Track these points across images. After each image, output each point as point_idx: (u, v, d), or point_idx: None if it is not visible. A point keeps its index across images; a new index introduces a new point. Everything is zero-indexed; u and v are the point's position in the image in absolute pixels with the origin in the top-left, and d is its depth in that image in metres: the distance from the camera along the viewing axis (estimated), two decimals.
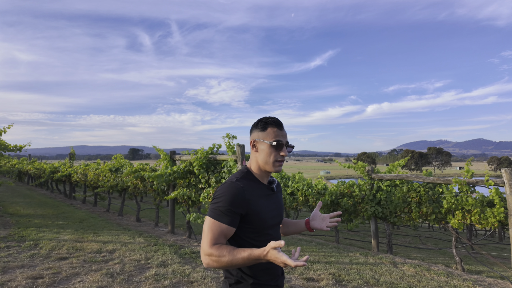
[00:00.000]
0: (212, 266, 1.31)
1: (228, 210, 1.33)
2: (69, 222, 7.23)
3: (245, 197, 1.36)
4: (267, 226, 1.46)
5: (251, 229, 1.42)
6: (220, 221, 1.33)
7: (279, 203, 1.60)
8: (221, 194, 1.36)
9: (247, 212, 1.38)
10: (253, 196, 1.41)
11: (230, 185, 1.38)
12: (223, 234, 1.33)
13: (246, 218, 1.39)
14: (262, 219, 1.42)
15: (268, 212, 1.46)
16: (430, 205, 5.87)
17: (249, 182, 1.44)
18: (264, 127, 1.49)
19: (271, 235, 1.48)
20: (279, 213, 1.57)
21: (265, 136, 1.48)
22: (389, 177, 6.43)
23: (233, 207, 1.34)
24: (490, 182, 5.29)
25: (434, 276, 5.02)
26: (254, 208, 1.39)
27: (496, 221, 5.27)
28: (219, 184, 5.51)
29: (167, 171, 5.96)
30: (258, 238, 1.43)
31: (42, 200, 11.29)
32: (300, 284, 4.16)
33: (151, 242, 5.77)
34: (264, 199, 1.47)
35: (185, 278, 4.02)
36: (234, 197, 1.34)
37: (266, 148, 1.46)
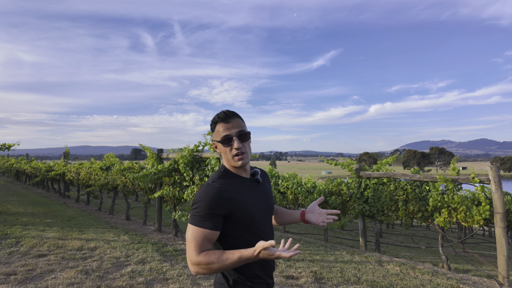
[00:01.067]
0: (202, 273, 1.28)
1: (208, 214, 1.30)
2: (57, 220, 7.22)
3: (224, 197, 1.33)
4: (255, 220, 1.42)
5: (239, 227, 1.38)
6: (202, 226, 1.30)
7: (267, 194, 1.54)
8: (198, 198, 1.33)
9: (230, 212, 1.35)
10: (234, 194, 1.37)
11: (206, 187, 1.35)
12: (207, 239, 1.30)
13: (231, 217, 1.36)
14: (249, 214, 1.39)
15: (255, 206, 1.42)
16: (416, 203, 5.81)
17: (228, 180, 1.40)
18: (213, 127, 1.48)
19: (262, 230, 1.45)
20: (268, 204, 1.53)
21: (215, 135, 1.46)
22: (377, 175, 6.37)
23: (213, 209, 1.30)
24: (476, 180, 5.22)
25: (418, 275, 4.97)
26: (238, 205, 1.36)
27: (481, 219, 5.21)
28: (203, 182, 5.48)
29: (152, 171, 5.93)
30: (248, 235, 1.40)
31: (35, 199, 11.30)
32: (279, 282, 4.12)
33: (135, 240, 5.75)
34: (248, 194, 1.43)
35: (161, 275, 3.99)
36: (212, 199, 1.31)
37: (220, 146, 1.45)
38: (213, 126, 1.47)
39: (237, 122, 1.45)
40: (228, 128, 1.43)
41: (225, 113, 1.45)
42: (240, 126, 1.45)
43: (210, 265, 1.25)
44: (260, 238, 1.42)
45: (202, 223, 1.30)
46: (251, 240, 1.38)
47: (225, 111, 1.46)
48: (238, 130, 1.43)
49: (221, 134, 1.42)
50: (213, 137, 1.48)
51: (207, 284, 3.83)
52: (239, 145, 1.40)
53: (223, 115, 1.45)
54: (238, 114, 1.48)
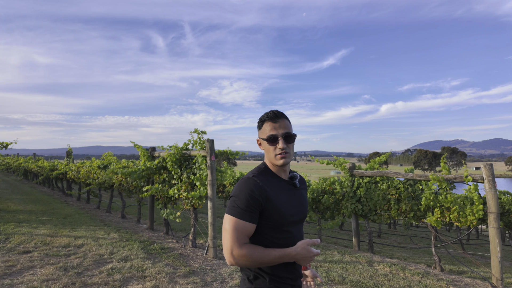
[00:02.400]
0: (240, 265, 1.32)
1: (248, 207, 1.32)
2: (52, 218, 7.31)
3: (262, 192, 1.35)
4: (287, 222, 1.42)
5: (270, 225, 1.39)
6: (243, 219, 1.32)
7: (302, 200, 1.55)
8: (239, 191, 1.36)
9: (265, 207, 1.36)
10: (271, 191, 1.39)
11: (247, 181, 1.38)
12: (246, 232, 1.33)
13: (264, 214, 1.37)
14: (281, 214, 1.39)
15: (288, 208, 1.42)
16: (409, 203, 5.67)
17: (267, 178, 1.43)
18: (260, 125, 1.50)
19: (292, 233, 1.44)
20: (302, 210, 1.52)
21: (262, 133, 1.49)
22: (370, 174, 6.24)
23: (253, 203, 1.33)
24: (469, 178, 5.06)
25: (408, 276, 4.84)
26: (273, 203, 1.37)
27: (475, 219, 5.04)
28: (190, 180, 5.46)
29: (141, 167, 5.95)
30: (277, 235, 1.40)
31: (38, 197, 11.50)
32: None
33: (124, 237, 5.76)
34: (284, 195, 1.44)
35: (139, 273, 3.98)
36: (252, 192, 1.33)
37: (265, 144, 1.47)
38: (261, 124, 1.50)
39: (284, 123, 1.47)
40: (275, 128, 1.45)
41: (274, 113, 1.48)
42: (287, 127, 1.47)
43: (252, 259, 1.29)
44: (288, 240, 1.42)
45: (243, 215, 1.32)
46: (279, 240, 1.40)
47: (274, 111, 1.49)
48: (284, 131, 1.45)
49: (268, 133, 1.45)
50: (259, 134, 1.51)
51: (185, 282, 3.79)
52: (283, 145, 1.43)
53: (272, 115, 1.47)
54: (286, 115, 1.51)
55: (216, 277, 4.07)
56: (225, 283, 3.88)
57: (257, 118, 1.53)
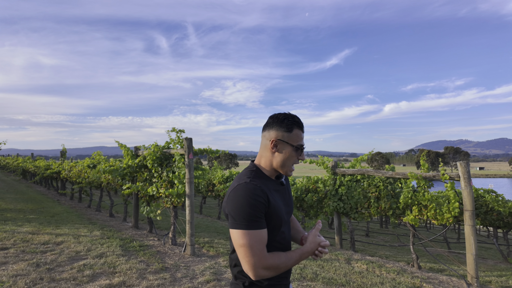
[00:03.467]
0: (266, 277, 1.27)
1: (258, 214, 1.27)
2: (40, 216, 7.39)
3: (265, 196, 1.30)
4: (283, 222, 1.39)
5: (270, 228, 1.35)
6: (257, 228, 1.26)
7: (289, 197, 1.54)
8: (243, 199, 1.26)
9: (267, 211, 1.32)
10: (270, 194, 1.34)
11: (246, 187, 1.29)
12: (264, 241, 1.27)
13: (266, 217, 1.33)
14: (279, 215, 1.36)
15: (282, 208, 1.40)
16: (388, 201, 5.68)
17: (261, 180, 1.37)
18: (291, 128, 1.38)
19: (285, 233, 1.43)
20: (291, 208, 1.52)
21: (290, 138, 1.38)
22: (351, 172, 6.26)
23: (260, 208, 1.27)
24: (446, 176, 5.07)
25: (384, 273, 4.85)
26: (273, 205, 1.33)
27: (451, 217, 5.05)
28: (170, 178, 5.50)
29: (123, 166, 6.01)
30: (275, 237, 1.37)
31: (32, 196, 11.61)
32: (230, 277, 4.09)
33: (106, 235, 5.82)
34: (277, 195, 1.41)
35: (111, 269, 4.03)
36: (257, 198, 1.27)
37: (289, 151, 1.37)
38: (291, 127, 1.39)
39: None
40: (302, 139, 1.41)
41: (302, 122, 1.43)
42: None
43: (279, 267, 1.27)
44: (284, 240, 1.41)
45: (257, 224, 1.26)
46: (277, 240, 1.38)
47: (300, 120, 1.43)
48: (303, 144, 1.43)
49: (299, 142, 1.39)
50: (286, 138, 1.38)
51: (154, 278, 3.84)
52: (304, 158, 1.41)
53: (301, 123, 1.42)
54: None
55: (188, 273, 4.11)
56: (194, 279, 3.92)
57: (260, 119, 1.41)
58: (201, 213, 10.59)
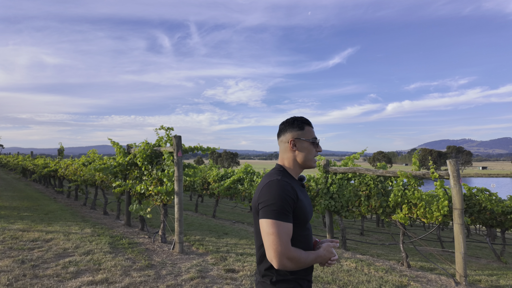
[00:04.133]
0: (288, 268, 1.36)
1: (287, 208, 1.36)
2: (34, 214, 7.43)
3: (295, 193, 1.40)
4: (307, 220, 1.50)
5: (297, 223, 1.43)
6: (286, 220, 1.35)
7: (309, 199, 1.62)
8: (274, 194, 1.37)
9: (295, 207, 1.41)
10: (298, 192, 1.44)
11: (278, 183, 1.40)
12: (290, 234, 1.37)
13: (294, 213, 1.41)
14: (305, 213, 1.46)
15: (307, 206, 1.50)
16: (378, 199, 5.66)
17: (289, 179, 1.49)
18: (302, 126, 1.56)
19: (309, 229, 1.53)
20: (311, 209, 1.60)
21: (304, 134, 1.55)
22: (342, 170, 6.24)
23: (289, 204, 1.37)
24: (435, 175, 5.04)
25: (372, 271, 4.84)
26: (300, 203, 1.43)
27: (440, 215, 5.02)
28: (159, 176, 5.51)
29: (113, 164, 6.03)
30: (302, 232, 1.46)
31: (29, 194, 11.67)
32: (216, 276, 4.09)
33: (96, 233, 5.84)
34: (303, 195, 1.51)
35: (96, 266, 4.04)
36: (287, 193, 1.37)
37: (308, 145, 1.54)
38: (302, 126, 1.57)
39: None
40: (314, 133, 1.59)
41: (309, 120, 1.61)
42: None
43: (299, 261, 1.35)
44: (308, 237, 1.51)
45: (285, 217, 1.35)
46: (302, 237, 1.46)
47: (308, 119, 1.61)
48: None
49: (313, 136, 1.57)
50: (300, 135, 1.55)
51: (138, 275, 3.84)
52: (321, 149, 1.58)
53: (309, 121, 1.60)
54: None
55: (173, 271, 4.12)
56: (179, 276, 3.92)
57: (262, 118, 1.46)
58: (197, 211, 10.61)
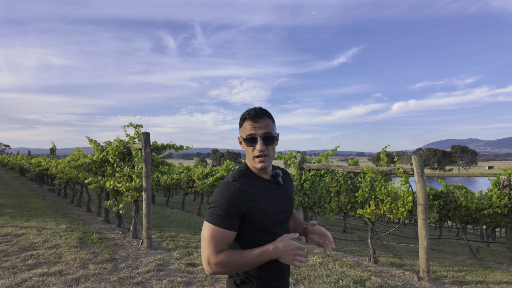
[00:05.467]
0: (220, 273, 1.26)
1: (227, 214, 1.26)
2: (16, 211, 7.56)
3: (243, 198, 1.28)
4: (273, 223, 1.36)
5: (255, 228, 1.33)
6: (221, 226, 1.26)
7: (287, 197, 1.49)
8: (217, 197, 1.29)
9: (247, 212, 1.30)
10: (253, 195, 1.32)
11: (226, 186, 1.31)
12: (225, 239, 1.27)
13: (247, 218, 1.31)
14: (267, 216, 1.34)
15: (273, 208, 1.37)
16: (347, 195, 5.68)
17: (248, 180, 1.36)
18: (241, 123, 1.42)
19: (278, 234, 1.38)
20: (288, 208, 1.47)
21: (242, 132, 1.40)
22: (315, 167, 6.28)
23: (232, 209, 1.26)
24: (400, 171, 5.06)
25: (337, 267, 4.87)
26: (256, 206, 1.31)
27: (405, 211, 5.04)
28: (129, 172, 5.58)
29: (87, 161, 6.13)
30: (264, 238, 1.35)
31: (21, 192, 11.85)
32: (174, 269, 4.14)
33: (70, 228, 5.94)
34: (268, 195, 1.38)
35: (56, 259, 4.13)
36: (232, 199, 1.27)
37: (244, 144, 1.39)
38: (242, 122, 1.41)
39: (266, 122, 1.38)
40: (255, 128, 1.36)
41: (256, 111, 1.38)
42: (268, 127, 1.38)
43: (230, 264, 1.23)
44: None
45: (221, 222, 1.26)
46: (267, 241, 1.34)
47: (257, 109, 1.39)
48: (264, 131, 1.36)
49: (247, 132, 1.37)
50: (240, 133, 1.42)
51: (94, 267, 3.92)
52: (262, 147, 1.34)
53: (253, 113, 1.38)
54: (269, 114, 1.41)
55: (132, 264, 4.18)
56: (135, 269, 3.99)
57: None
58: (183, 209, 10.70)
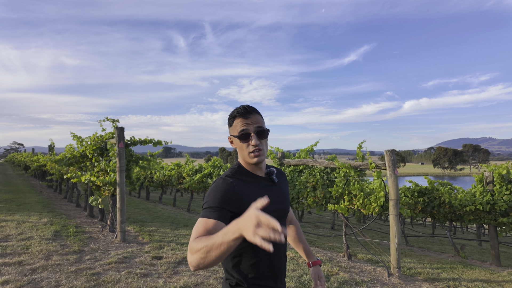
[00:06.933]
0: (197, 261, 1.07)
1: (216, 206, 1.24)
2: (5, 205, 7.75)
3: (235, 192, 1.28)
4: None
5: None
6: (207, 217, 1.22)
7: (282, 195, 1.48)
8: (209, 192, 1.30)
9: (239, 210, 1.26)
10: (246, 191, 1.32)
11: (218, 182, 1.33)
12: (207, 229, 1.19)
13: (240, 214, 1.25)
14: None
15: (266, 207, 1.34)
16: (323, 190, 5.64)
17: (241, 177, 1.37)
18: (231, 122, 1.42)
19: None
20: (282, 207, 1.46)
21: (233, 130, 1.41)
22: (294, 162, 6.24)
23: (222, 204, 1.25)
24: (372, 165, 5.00)
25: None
26: (249, 201, 1.26)
27: (377, 206, 4.97)
28: (105, 167, 5.65)
29: (68, 156, 6.23)
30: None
31: (19, 187, 12.13)
32: (138, 262, 4.18)
33: (51, 222, 6.06)
34: (261, 192, 1.37)
35: (23, 250, 4.22)
36: (223, 193, 1.27)
37: (237, 142, 1.40)
38: (231, 120, 1.42)
39: (256, 118, 1.39)
40: (247, 124, 1.37)
41: (245, 108, 1.40)
42: (259, 122, 1.40)
43: (197, 248, 1.06)
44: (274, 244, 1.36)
45: (209, 214, 1.22)
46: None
47: (245, 106, 1.41)
48: (256, 126, 1.38)
49: (239, 129, 1.37)
50: (230, 131, 1.43)
51: (58, 258, 3.99)
52: (256, 142, 1.35)
53: (242, 110, 1.39)
54: (257, 110, 1.43)
55: (98, 256, 4.24)
56: (98, 261, 4.04)
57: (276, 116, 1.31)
58: (175, 205, 10.78)
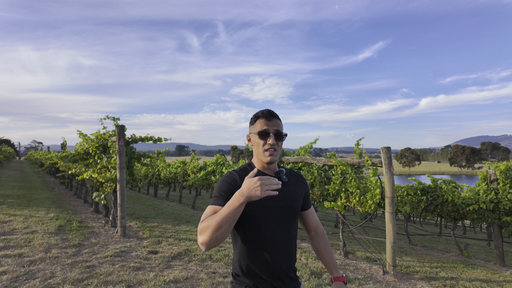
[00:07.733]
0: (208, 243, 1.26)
1: (221, 194, 1.39)
2: (17, 201, 8.05)
3: (239, 185, 1.39)
4: (267, 216, 1.44)
5: (251, 219, 1.42)
6: (214, 204, 1.38)
7: (290, 196, 1.54)
8: (217, 185, 1.45)
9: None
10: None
11: (225, 175, 1.47)
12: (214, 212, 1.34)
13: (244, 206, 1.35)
14: (260, 207, 1.41)
15: (269, 202, 1.43)
16: (320, 187, 5.64)
17: (248, 173, 1.47)
18: (254, 121, 1.55)
19: (272, 228, 1.45)
20: (286, 205, 1.51)
21: (253, 128, 1.54)
22: (293, 160, 6.25)
23: (228, 192, 1.39)
24: (369, 163, 4.97)
25: (302, 259, 4.86)
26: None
27: (373, 203, 4.94)
28: (107, 164, 5.81)
29: (73, 152, 6.43)
30: (260, 231, 1.43)
31: (33, 184, 12.55)
32: (134, 256, 4.29)
33: (57, 217, 6.27)
34: None
35: (25, 243, 4.40)
36: (229, 183, 1.41)
37: (255, 139, 1.51)
38: (254, 120, 1.55)
39: (277, 122, 1.53)
40: (268, 125, 1.51)
41: (269, 111, 1.54)
42: (279, 126, 1.53)
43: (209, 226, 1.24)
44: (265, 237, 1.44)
45: (215, 201, 1.38)
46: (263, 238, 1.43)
47: (270, 110, 1.55)
48: (276, 128, 1.51)
49: (260, 128, 1.50)
50: (251, 129, 1.56)
51: (57, 251, 4.14)
52: (273, 141, 1.47)
53: (267, 113, 1.53)
54: (279, 117, 1.57)
55: (96, 250, 4.38)
56: (95, 255, 4.18)
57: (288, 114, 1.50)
58: (181, 202, 10.94)
